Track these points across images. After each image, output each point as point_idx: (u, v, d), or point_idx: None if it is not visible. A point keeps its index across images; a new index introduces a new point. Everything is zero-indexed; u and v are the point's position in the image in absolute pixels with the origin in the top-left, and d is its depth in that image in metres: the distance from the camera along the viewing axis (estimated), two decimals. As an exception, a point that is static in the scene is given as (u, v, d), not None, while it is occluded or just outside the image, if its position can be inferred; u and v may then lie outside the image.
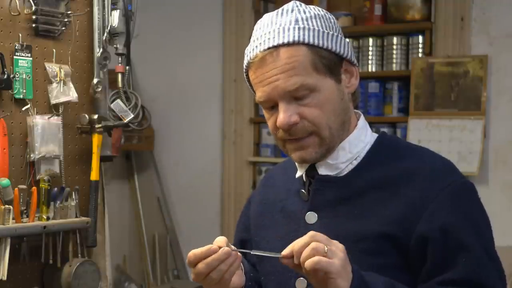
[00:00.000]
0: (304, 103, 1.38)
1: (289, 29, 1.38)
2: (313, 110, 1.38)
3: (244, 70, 1.46)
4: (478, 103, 3.89)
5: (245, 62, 1.44)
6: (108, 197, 2.61)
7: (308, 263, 1.19)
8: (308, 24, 1.39)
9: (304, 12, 1.41)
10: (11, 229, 2.13)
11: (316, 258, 1.19)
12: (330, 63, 1.39)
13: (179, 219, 4.91)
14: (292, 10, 1.41)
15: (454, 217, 1.33)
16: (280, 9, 1.43)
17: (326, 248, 1.20)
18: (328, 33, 1.40)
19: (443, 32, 4.04)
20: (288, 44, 1.37)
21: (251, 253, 1.40)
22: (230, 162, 4.75)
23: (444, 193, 1.35)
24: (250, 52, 1.42)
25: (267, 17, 1.43)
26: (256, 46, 1.40)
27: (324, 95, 1.39)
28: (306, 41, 1.37)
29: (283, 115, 1.37)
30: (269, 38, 1.38)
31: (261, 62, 1.38)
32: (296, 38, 1.37)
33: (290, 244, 1.24)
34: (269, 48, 1.38)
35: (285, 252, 1.24)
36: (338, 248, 1.22)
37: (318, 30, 1.39)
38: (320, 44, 1.38)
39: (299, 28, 1.38)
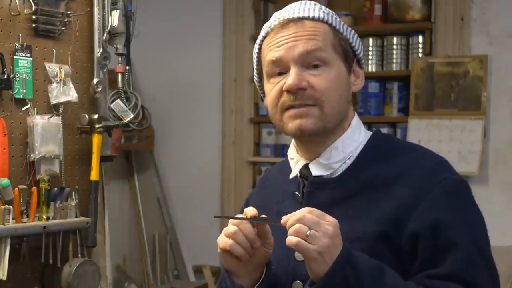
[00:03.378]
0: (315, 73, 1.40)
1: (314, 10, 1.43)
2: (323, 81, 1.40)
3: (257, 44, 1.48)
4: (478, 103, 3.89)
5: (262, 33, 1.46)
6: (108, 197, 2.61)
7: (287, 241, 1.24)
8: (331, 12, 1.46)
9: (326, 8, 1.47)
10: (11, 229, 2.13)
11: (294, 240, 1.23)
12: (346, 50, 1.44)
13: (179, 219, 4.91)
14: (315, 4, 1.46)
15: (445, 214, 1.33)
16: (301, 0, 1.48)
17: (308, 232, 1.22)
18: (347, 27, 1.46)
19: (443, 32, 4.04)
20: (313, 19, 1.42)
21: (253, 221, 1.39)
22: (230, 162, 4.75)
23: (436, 191, 1.35)
24: (271, 23, 1.44)
25: (289, 5, 1.47)
26: (279, 18, 1.44)
27: (335, 74, 1.41)
28: (330, 21, 1.43)
29: (294, 76, 1.39)
30: (294, 12, 1.43)
31: (284, 27, 1.42)
32: (322, 16, 1.43)
33: (289, 214, 1.27)
34: (293, 18, 1.42)
35: (283, 220, 1.27)
36: (325, 232, 1.23)
37: (340, 21, 1.46)
38: (341, 30, 1.44)
39: (323, 12, 1.44)
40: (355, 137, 1.46)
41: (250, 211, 1.35)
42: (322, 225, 1.23)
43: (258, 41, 1.48)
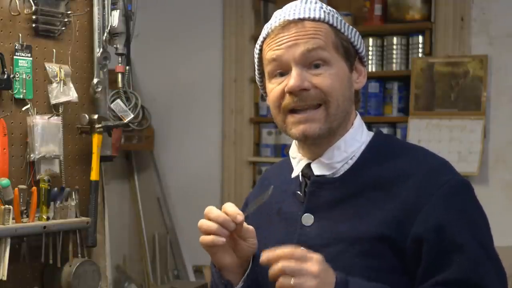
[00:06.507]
0: (316, 73, 1.40)
1: (315, 10, 1.43)
2: (326, 79, 1.39)
3: (258, 45, 1.48)
4: (478, 103, 3.89)
5: (263, 34, 1.46)
6: (108, 197, 2.61)
7: None
8: (332, 11, 1.45)
9: (327, 6, 1.47)
10: (11, 229, 2.13)
11: None
12: (347, 49, 1.44)
13: (179, 219, 4.91)
14: (316, 2, 1.46)
15: (449, 216, 1.33)
16: None
17: (293, 281, 1.20)
18: (348, 25, 1.46)
19: (443, 32, 4.04)
20: (313, 20, 1.42)
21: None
22: (230, 162, 4.75)
23: (439, 193, 1.34)
24: (271, 24, 1.45)
25: (290, 4, 1.47)
26: (279, 19, 1.43)
27: (336, 72, 1.41)
28: (331, 22, 1.43)
29: (296, 77, 1.38)
30: (294, 13, 1.43)
31: (284, 28, 1.42)
32: (322, 17, 1.42)
33: (269, 254, 1.24)
34: (294, 19, 1.42)
35: (263, 258, 1.24)
36: (310, 274, 1.20)
37: (341, 20, 1.45)
38: (342, 30, 1.44)
39: (324, 12, 1.44)
40: (357, 137, 1.46)
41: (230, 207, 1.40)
42: (305, 269, 1.21)
43: (259, 42, 1.48)
